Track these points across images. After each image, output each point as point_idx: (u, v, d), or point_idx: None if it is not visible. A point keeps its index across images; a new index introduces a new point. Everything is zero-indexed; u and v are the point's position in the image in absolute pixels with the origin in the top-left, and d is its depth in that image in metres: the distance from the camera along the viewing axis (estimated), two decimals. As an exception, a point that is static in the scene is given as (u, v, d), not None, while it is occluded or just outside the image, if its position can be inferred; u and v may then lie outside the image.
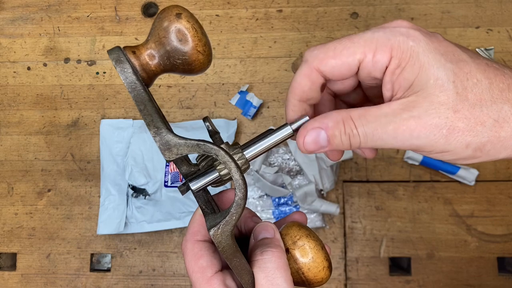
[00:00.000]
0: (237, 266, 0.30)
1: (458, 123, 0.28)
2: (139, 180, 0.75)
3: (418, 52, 0.28)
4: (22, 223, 0.78)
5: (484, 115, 0.28)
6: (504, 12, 0.79)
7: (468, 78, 0.28)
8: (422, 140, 0.28)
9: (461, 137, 0.28)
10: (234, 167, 0.29)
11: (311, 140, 0.30)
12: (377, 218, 0.75)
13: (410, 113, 0.28)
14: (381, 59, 0.29)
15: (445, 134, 0.28)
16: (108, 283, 0.75)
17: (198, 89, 0.80)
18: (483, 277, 0.72)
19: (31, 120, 0.81)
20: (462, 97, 0.28)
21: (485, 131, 0.28)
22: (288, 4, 0.81)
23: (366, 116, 0.29)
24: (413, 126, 0.28)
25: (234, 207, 0.29)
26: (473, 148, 0.28)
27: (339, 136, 0.29)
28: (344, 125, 0.29)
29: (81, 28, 0.83)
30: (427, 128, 0.28)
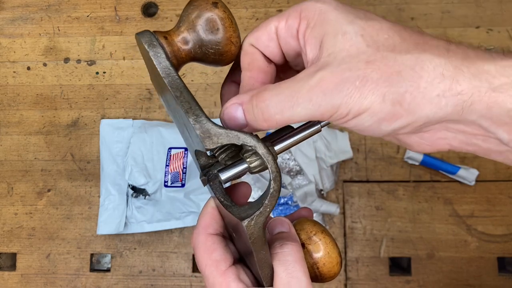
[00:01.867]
0: (262, 258, 0.30)
1: (371, 73, 0.25)
2: (139, 180, 0.75)
3: (326, 11, 0.28)
4: (22, 223, 0.78)
5: (399, 64, 0.26)
6: (504, 12, 0.79)
7: (378, 34, 0.27)
8: (336, 98, 0.26)
9: (375, 88, 0.25)
10: (272, 159, 0.29)
11: (228, 117, 0.29)
12: (377, 218, 0.75)
13: (322, 73, 0.26)
14: (292, 24, 0.29)
15: (358, 85, 0.25)
16: (108, 283, 0.75)
17: (198, 89, 0.80)
18: (483, 277, 0.72)
19: (31, 120, 0.81)
20: (373, 49, 0.26)
21: (402, 80, 0.25)
22: (288, 4, 0.81)
23: (281, 85, 0.28)
24: (325, 84, 0.26)
25: (268, 199, 0.29)
26: (391, 101, 0.25)
27: (251, 110, 0.28)
28: (256, 98, 0.28)
29: (81, 28, 0.83)
30: (339, 83, 0.26)
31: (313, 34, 0.28)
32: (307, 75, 0.27)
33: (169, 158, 0.75)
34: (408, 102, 0.26)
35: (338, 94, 0.26)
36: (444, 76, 0.25)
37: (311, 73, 0.27)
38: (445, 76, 0.25)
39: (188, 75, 0.81)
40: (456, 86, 0.25)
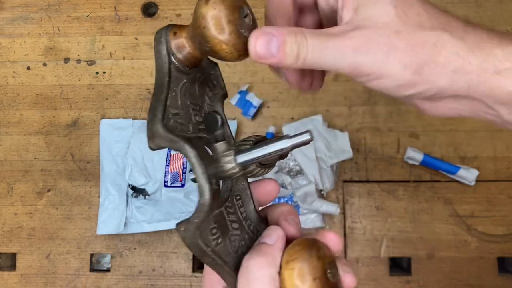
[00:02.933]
0: (210, 264, 0.30)
1: (398, 43, 0.28)
2: (139, 180, 0.75)
3: None
4: (22, 223, 0.78)
5: (424, 38, 0.29)
6: (504, 12, 0.79)
7: (409, 8, 0.29)
8: (363, 56, 0.29)
9: (400, 56, 0.28)
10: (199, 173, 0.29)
11: (262, 42, 0.30)
12: (377, 218, 0.75)
13: (355, 32, 0.29)
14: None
15: (385, 51, 0.28)
16: (108, 283, 0.75)
17: (198, 89, 0.80)
18: (483, 277, 0.72)
19: (30, 120, 0.81)
20: (403, 20, 0.29)
21: (424, 53, 0.29)
22: (288, 4, 0.81)
23: (316, 32, 0.30)
24: (356, 42, 0.29)
25: (196, 209, 0.29)
26: (412, 70, 0.29)
27: (290, 43, 0.30)
28: (296, 34, 0.30)
29: (81, 28, 0.83)
30: (369, 45, 0.28)
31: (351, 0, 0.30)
32: (341, 31, 0.30)
33: (169, 158, 0.75)
34: (426, 73, 0.29)
35: (366, 53, 0.28)
36: (459, 55, 0.29)
37: (345, 30, 0.29)
38: (459, 55, 0.29)
39: (188, 75, 0.81)
40: (468, 66, 0.28)
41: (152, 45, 0.84)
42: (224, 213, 0.32)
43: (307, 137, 0.30)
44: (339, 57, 0.29)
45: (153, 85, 0.80)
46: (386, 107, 0.77)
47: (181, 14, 0.82)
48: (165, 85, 0.30)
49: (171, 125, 0.29)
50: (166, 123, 0.29)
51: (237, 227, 0.32)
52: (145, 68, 0.81)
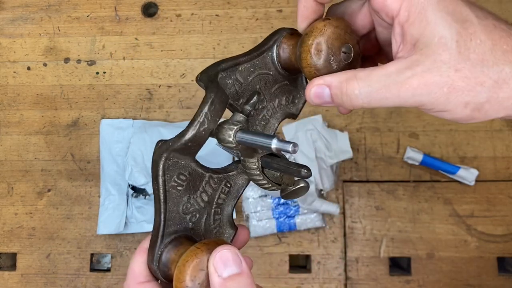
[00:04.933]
0: (155, 193, 0.32)
1: (458, 82, 0.28)
2: (139, 180, 0.75)
3: (427, 9, 0.29)
4: (22, 223, 0.78)
5: (485, 76, 0.28)
6: (504, 12, 0.79)
7: (471, 39, 0.28)
8: (424, 98, 0.29)
9: (460, 96, 0.28)
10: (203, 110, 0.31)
11: (315, 93, 0.32)
12: (377, 218, 0.75)
13: (413, 71, 0.29)
14: (390, 4, 0.30)
15: (445, 92, 0.28)
16: (108, 283, 0.75)
17: (198, 89, 0.80)
18: (483, 277, 0.72)
19: (31, 120, 0.81)
20: (464, 57, 0.28)
21: (484, 91, 0.28)
22: (288, 4, 0.81)
23: (371, 76, 0.30)
24: (415, 84, 0.28)
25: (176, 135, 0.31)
26: (472, 108, 0.29)
27: (340, 96, 0.31)
28: (346, 85, 0.30)
29: (81, 28, 0.83)
30: (429, 86, 0.28)
31: (410, 30, 0.29)
32: (398, 71, 0.29)
33: (169, 158, 0.75)
34: (486, 109, 0.29)
35: (426, 95, 0.29)
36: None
37: (402, 69, 0.29)
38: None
39: (188, 75, 0.81)
40: None
41: (153, 46, 0.84)
42: (205, 179, 0.33)
43: (290, 148, 0.31)
44: (398, 101, 0.29)
45: (153, 85, 0.81)
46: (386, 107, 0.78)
47: (181, 14, 0.82)
48: (257, 56, 0.35)
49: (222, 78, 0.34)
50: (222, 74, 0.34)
51: (205, 200, 0.33)
52: (145, 68, 0.81)
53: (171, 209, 0.32)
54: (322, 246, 0.74)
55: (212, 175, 0.34)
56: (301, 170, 0.33)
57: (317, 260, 0.74)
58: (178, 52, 0.81)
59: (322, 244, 0.74)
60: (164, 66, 0.81)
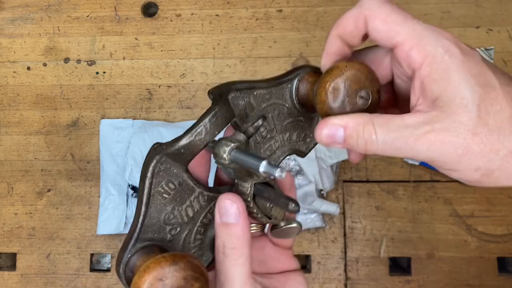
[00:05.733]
0: (140, 194, 0.31)
1: (474, 146, 0.28)
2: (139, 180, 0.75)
3: (451, 69, 0.29)
4: (22, 223, 0.78)
5: (500, 144, 0.28)
6: (504, 12, 0.79)
7: (492, 104, 0.28)
8: (437, 154, 0.29)
9: (473, 160, 0.28)
10: (204, 120, 0.31)
11: (327, 133, 0.31)
12: (377, 218, 0.75)
13: (431, 127, 0.28)
14: (413, 57, 0.29)
15: (459, 154, 0.28)
16: (108, 283, 0.75)
17: (198, 89, 0.80)
18: (483, 277, 0.72)
19: (31, 120, 0.81)
20: (483, 122, 0.28)
21: (497, 159, 0.28)
22: (288, 4, 0.81)
23: (389, 124, 0.29)
24: (432, 140, 0.28)
25: (170, 141, 0.31)
26: (482, 173, 0.29)
27: (356, 138, 0.30)
28: (363, 129, 0.30)
29: (81, 28, 0.83)
30: (444, 144, 0.28)
31: (432, 87, 0.29)
32: (416, 124, 0.29)
33: (169, 158, 0.75)
34: (496, 177, 0.29)
35: (440, 153, 0.28)
36: None
37: (420, 123, 0.29)
38: None
39: (188, 75, 0.81)
40: None
41: (153, 46, 0.84)
42: (194, 193, 0.32)
43: (276, 173, 0.30)
44: (412, 152, 0.29)
45: (152, 85, 0.81)
46: (386, 107, 0.78)
47: (181, 14, 0.82)
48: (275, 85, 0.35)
49: (234, 97, 0.34)
50: (236, 93, 0.34)
51: (189, 216, 0.32)
52: (145, 68, 0.81)
53: (152, 215, 0.30)
54: (322, 246, 0.74)
55: (203, 192, 0.32)
56: (289, 202, 0.32)
57: (317, 260, 0.74)
58: (178, 52, 0.81)
59: (322, 244, 0.74)
60: (164, 66, 0.81)
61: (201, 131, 0.31)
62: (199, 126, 0.31)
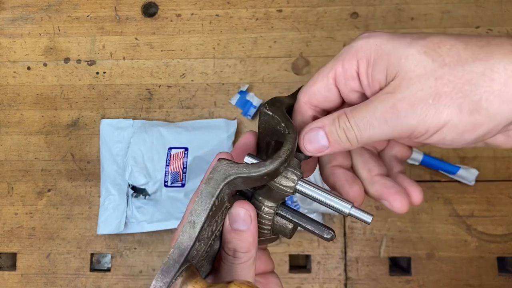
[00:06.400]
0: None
1: (443, 88, 0.26)
2: (139, 180, 0.75)
3: (381, 44, 0.28)
4: (22, 223, 0.78)
5: (469, 73, 0.26)
6: (504, 12, 0.79)
7: (440, 46, 0.27)
8: (411, 118, 0.27)
9: (450, 101, 0.26)
10: (288, 152, 0.29)
11: (309, 138, 0.31)
12: (377, 218, 0.75)
13: (394, 96, 0.27)
14: (349, 67, 0.29)
15: (431, 103, 0.26)
16: (108, 283, 0.75)
17: (198, 89, 0.80)
18: (483, 277, 0.72)
19: (31, 120, 0.81)
20: (440, 63, 0.26)
21: (475, 88, 0.25)
22: (288, 4, 0.81)
23: (356, 108, 0.29)
24: (399, 107, 0.27)
25: (257, 167, 0.29)
26: (469, 110, 0.26)
27: (336, 131, 0.30)
28: (338, 120, 0.30)
29: (81, 28, 0.83)
30: (413, 104, 0.26)
31: (376, 69, 0.28)
32: (379, 99, 0.28)
33: (169, 158, 0.75)
34: (485, 107, 0.25)
35: (413, 114, 0.26)
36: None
37: (383, 97, 0.28)
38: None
39: (188, 75, 0.81)
40: None
41: (153, 46, 0.84)
42: (222, 208, 0.31)
43: (368, 219, 0.31)
44: (387, 128, 0.28)
45: (153, 85, 0.81)
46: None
47: (181, 14, 0.82)
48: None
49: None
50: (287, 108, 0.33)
51: (212, 230, 0.31)
52: (145, 68, 0.81)
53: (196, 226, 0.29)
54: (322, 246, 0.74)
55: (228, 205, 0.31)
56: (325, 230, 0.32)
57: (317, 260, 0.74)
58: (178, 52, 0.81)
59: (322, 244, 0.74)
60: (164, 66, 0.81)
61: (285, 159, 0.29)
62: (284, 154, 0.29)
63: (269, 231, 0.34)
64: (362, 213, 0.31)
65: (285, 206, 0.34)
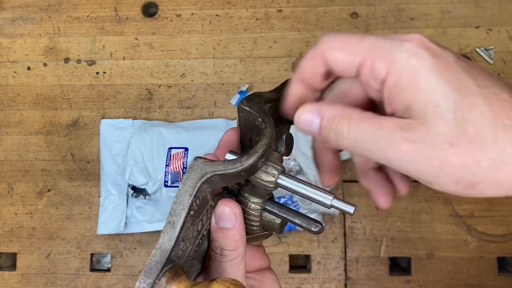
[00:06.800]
0: None
1: (452, 157, 0.25)
2: (139, 180, 0.75)
3: (419, 73, 0.26)
4: (22, 223, 0.78)
5: (482, 154, 0.25)
6: (504, 12, 0.79)
7: (470, 110, 0.26)
8: (411, 165, 0.26)
9: (452, 172, 0.26)
10: (261, 149, 0.29)
11: (304, 119, 0.30)
12: (377, 218, 0.75)
13: (405, 135, 0.26)
14: (378, 69, 0.28)
15: (435, 165, 0.26)
16: (108, 283, 0.75)
17: (198, 89, 0.80)
18: (483, 277, 0.72)
19: (31, 120, 0.81)
20: (461, 130, 0.25)
21: (480, 171, 0.25)
22: (288, 4, 0.81)
23: (364, 122, 0.28)
24: (405, 149, 0.26)
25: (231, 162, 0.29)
26: (464, 186, 0.26)
27: (329, 130, 0.29)
28: (337, 123, 0.29)
29: (81, 28, 0.83)
30: (419, 155, 0.26)
31: (401, 96, 0.27)
32: (390, 128, 0.27)
33: (169, 158, 0.75)
34: (480, 188, 0.26)
35: (413, 164, 0.26)
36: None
37: (395, 128, 0.27)
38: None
39: (188, 75, 0.81)
40: None
41: (153, 46, 0.84)
42: (207, 207, 0.31)
43: (350, 210, 0.30)
44: (384, 158, 0.27)
45: (152, 85, 0.81)
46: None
47: (181, 14, 0.82)
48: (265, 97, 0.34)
49: (267, 109, 0.32)
50: (269, 103, 0.33)
51: (198, 229, 0.31)
52: (145, 68, 0.81)
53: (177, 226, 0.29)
54: (322, 246, 0.74)
55: (213, 204, 0.31)
56: (312, 223, 0.32)
57: (317, 260, 0.74)
58: (178, 52, 0.81)
59: (322, 244, 0.74)
60: (164, 66, 0.81)
61: (262, 154, 0.29)
62: (261, 149, 0.29)
63: (259, 227, 0.34)
64: (344, 204, 0.31)
65: (272, 201, 0.34)
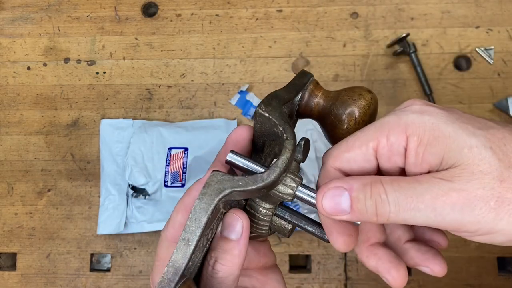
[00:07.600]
0: None
1: (506, 193, 0.24)
2: (139, 180, 0.75)
3: (438, 125, 0.25)
4: (22, 223, 0.78)
5: None
6: (504, 12, 0.79)
7: (504, 144, 0.25)
8: (467, 215, 0.24)
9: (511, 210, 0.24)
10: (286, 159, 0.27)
11: (330, 199, 0.27)
12: (377, 218, 0.75)
13: (449, 185, 0.24)
14: (396, 141, 0.26)
15: (493, 206, 0.24)
16: (108, 283, 0.75)
17: (198, 89, 0.80)
18: (483, 277, 0.72)
19: (31, 120, 0.81)
20: (506, 164, 0.24)
21: None
22: (288, 4, 0.81)
23: (399, 182, 0.26)
24: (455, 198, 0.24)
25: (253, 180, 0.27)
26: None
27: (364, 200, 0.26)
28: (371, 188, 0.26)
29: (81, 28, 0.83)
30: (472, 200, 0.24)
31: (430, 151, 0.26)
32: (430, 182, 0.25)
33: (169, 158, 0.75)
34: None
35: (469, 212, 0.24)
36: None
37: (435, 181, 0.25)
38: None
39: (188, 75, 0.81)
40: None
41: (153, 46, 0.84)
42: (218, 215, 0.30)
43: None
44: (433, 216, 0.25)
45: (153, 85, 0.81)
46: (386, 107, 0.78)
47: (181, 14, 0.82)
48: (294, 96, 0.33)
49: (285, 113, 0.31)
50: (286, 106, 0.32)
51: (208, 238, 0.30)
52: (145, 68, 0.81)
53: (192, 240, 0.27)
54: (322, 246, 0.74)
55: (223, 211, 0.30)
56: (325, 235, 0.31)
57: (317, 260, 0.74)
58: (178, 52, 0.81)
59: (322, 244, 0.74)
60: (164, 66, 0.81)
61: (284, 169, 0.27)
62: (283, 164, 0.27)
63: (267, 231, 0.33)
64: None
65: (284, 206, 0.33)
